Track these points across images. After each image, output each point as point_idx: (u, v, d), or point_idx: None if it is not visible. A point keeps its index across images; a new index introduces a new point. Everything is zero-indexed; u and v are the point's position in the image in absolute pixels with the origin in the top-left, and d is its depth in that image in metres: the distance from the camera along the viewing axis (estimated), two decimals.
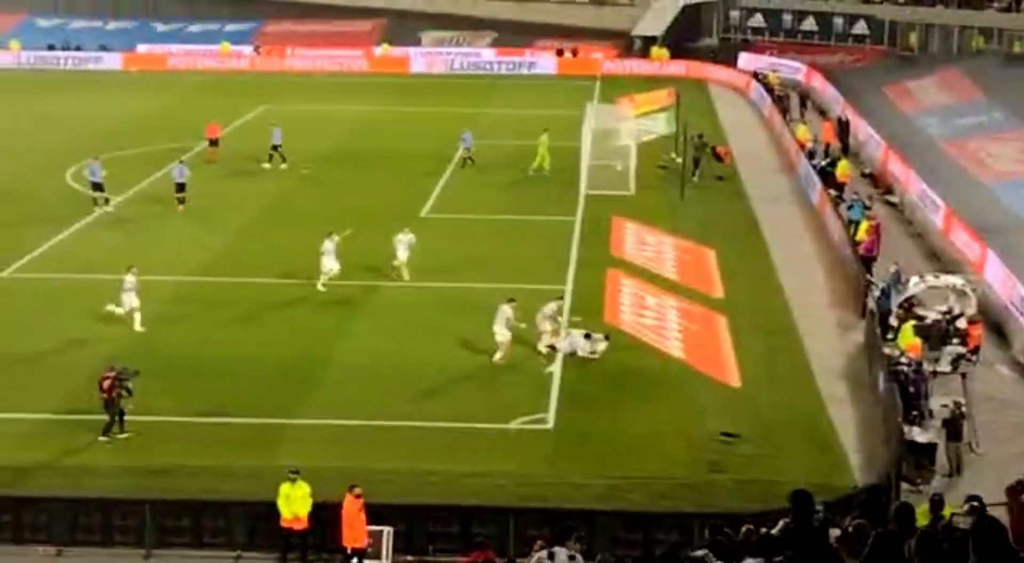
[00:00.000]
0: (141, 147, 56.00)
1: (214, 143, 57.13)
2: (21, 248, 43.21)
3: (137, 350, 34.26)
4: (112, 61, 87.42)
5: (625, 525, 24.97)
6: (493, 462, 28.11)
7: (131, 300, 35.71)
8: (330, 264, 38.82)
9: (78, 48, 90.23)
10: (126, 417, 29.14)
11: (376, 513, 24.90)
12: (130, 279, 35.78)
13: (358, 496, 24.05)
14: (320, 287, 38.85)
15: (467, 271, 41.46)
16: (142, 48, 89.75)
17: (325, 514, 24.63)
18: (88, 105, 71.51)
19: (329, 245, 38.88)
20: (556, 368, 33.13)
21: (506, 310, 33.61)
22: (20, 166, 53.22)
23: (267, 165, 55.03)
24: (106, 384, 28.99)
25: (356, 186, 52.88)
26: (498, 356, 33.49)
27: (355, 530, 24.11)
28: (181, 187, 48.49)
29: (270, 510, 24.60)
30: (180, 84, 79.85)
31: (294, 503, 24.43)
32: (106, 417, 29.10)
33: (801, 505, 12.85)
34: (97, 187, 48.41)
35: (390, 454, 28.48)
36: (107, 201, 48.42)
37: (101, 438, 28.97)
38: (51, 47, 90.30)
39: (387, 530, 24.63)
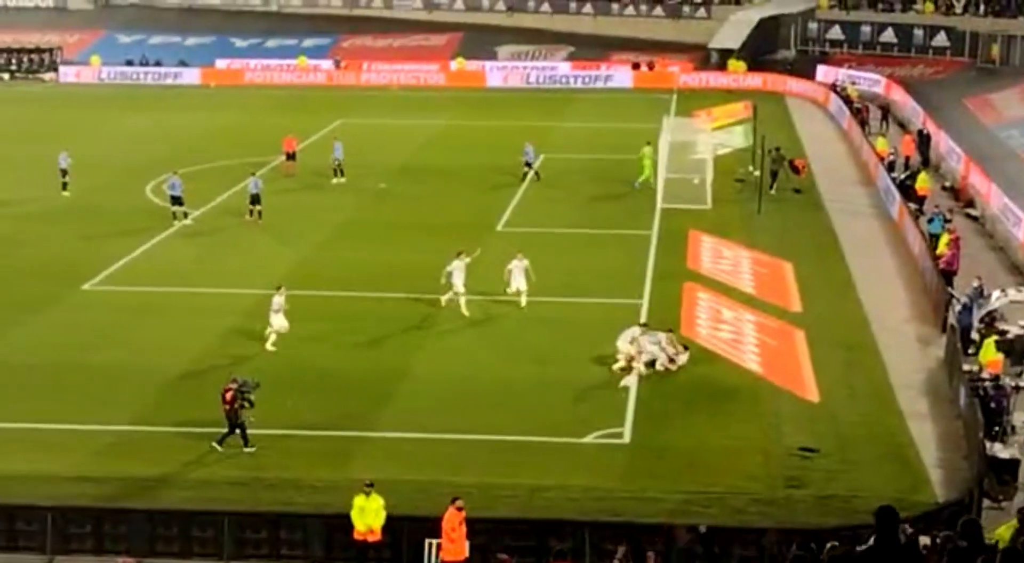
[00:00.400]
0: (219, 161, 56.49)
1: (291, 156, 57.55)
2: (102, 261, 43.71)
3: (212, 362, 34.55)
4: (191, 76, 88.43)
5: (702, 540, 24.73)
6: (568, 476, 27.99)
7: (279, 321, 35.70)
8: (457, 283, 38.31)
9: (158, 64, 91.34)
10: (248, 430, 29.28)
11: None
12: (277, 300, 35.77)
13: (460, 509, 23.92)
14: (443, 301, 38.67)
15: (542, 285, 41.34)
16: (220, 63, 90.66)
17: (399, 526, 24.65)
18: (167, 120, 72.33)
19: (458, 265, 38.45)
20: (632, 382, 32.95)
21: (636, 330, 33.89)
22: (101, 180, 53.92)
23: (336, 180, 55.25)
24: (228, 395, 29.13)
25: (432, 200, 53.02)
26: (616, 366, 33.60)
27: (456, 544, 23.92)
28: (256, 199, 48.96)
29: (347, 523, 24.62)
30: (258, 99, 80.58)
31: (368, 515, 24.42)
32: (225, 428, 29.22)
33: (886, 521, 12.70)
34: (177, 201, 48.97)
35: (465, 468, 28.44)
36: (186, 215, 48.92)
37: (215, 445, 29.15)
38: (131, 63, 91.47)
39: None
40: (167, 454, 29.15)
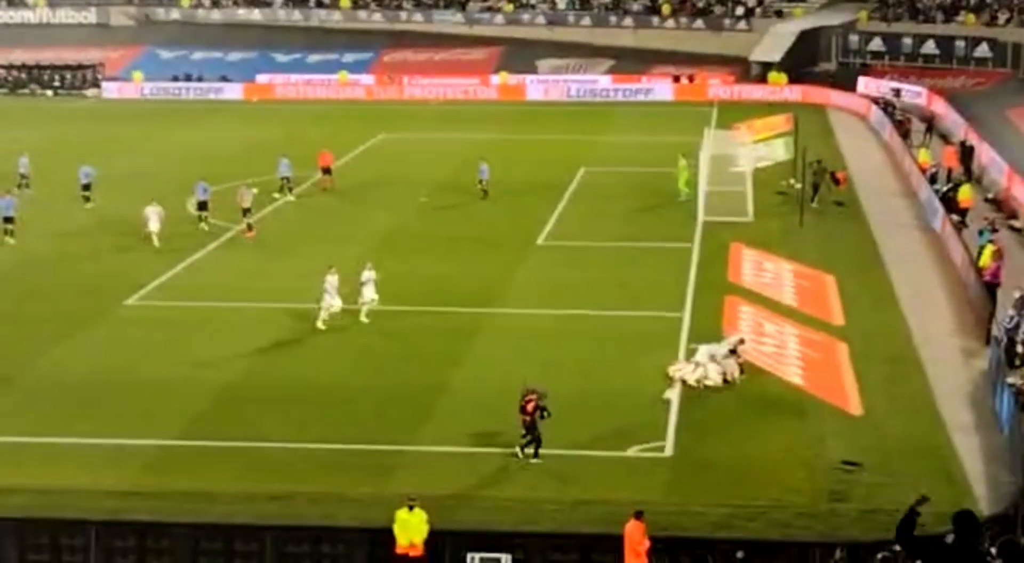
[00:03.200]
0: (261, 175, 56.74)
1: (327, 171, 57.78)
2: (145, 276, 44.00)
3: (257, 377, 34.77)
4: (233, 91, 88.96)
5: (745, 554, 24.67)
6: (611, 490, 27.96)
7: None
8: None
9: (199, 79, 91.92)
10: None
11: (493, 541, 24.92)
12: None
13: (641, 521, 23.88)
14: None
15: (584, 298, 41.40)
16: (262, 78, 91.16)
17: (441, 540, 24.68)
18: (209, 135, 72.81)
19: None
20: (674, 395, 32.90)
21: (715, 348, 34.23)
22: (144, 195, 54.07)
23: (278, 195, 55.59)
24: (530, 406, 29.25)
25: (473, 213, 53.14)
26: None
27: (641, 559, 23.77)
28: (246, 212, 49.95)
29: (389, 537, 24.64)
30: (299, 113, 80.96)
31: (410, 530, 24.45)
32: (525, 437, 29.48)
33: (965, 526, 12.70)
34: (202, 206, 50.36)
35: (507, 482, 28.49)
36: (206, 218, 50.34)
37: (520, 455, 29.32)
38: (173, 78, 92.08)
39: (505, 558, 24.58)
40: (211, 468, 29.31)
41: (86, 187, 54.37)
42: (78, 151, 65.87)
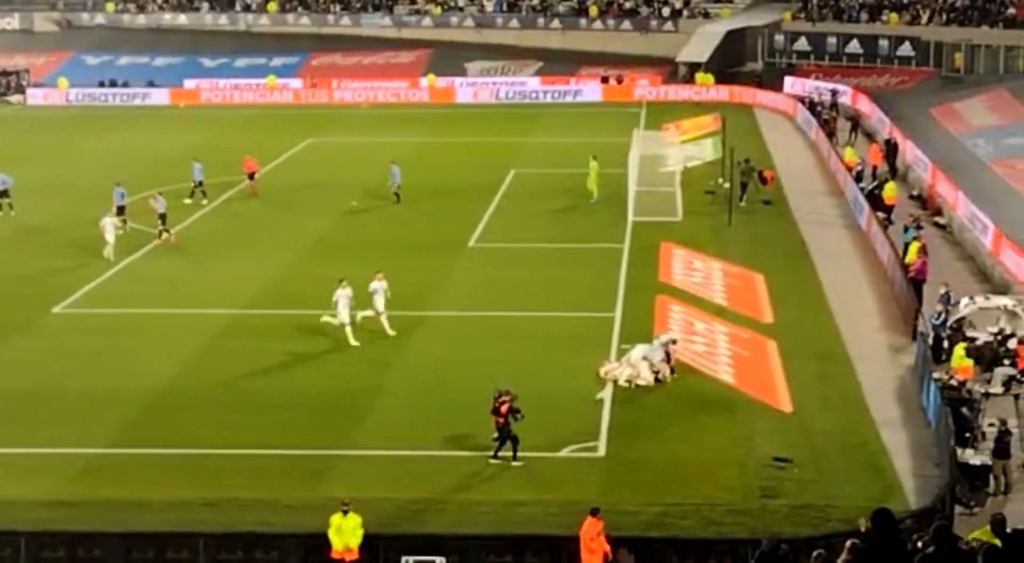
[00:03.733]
0: (189, 181, 56.38)
1: (251, 177, 57.29)
2: (72, 284, 43.59)
3: (187, 384, 34.57)
4: (160, 97, 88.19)
5: (678, 552, 24.87)
6: (544, 491, 28.07)
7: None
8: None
9: (126, 84, 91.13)
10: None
11: (428, 544, 24.96)
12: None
13: (599, 519, 23.91)
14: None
15: (516, 299, 41.50)
16: (189, 83, 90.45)
17: (376, 544, 24.68)
18: (136, 141, 72.13)
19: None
20: (607, 395, 33.06)
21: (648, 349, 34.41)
22: (69, 202, 53.75)
23: (189, 200, 55.03)
24: (503, 408, 29.21)
25: (404, 217, 53.05)
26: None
27: (595, 555, 23.76)
28: (163, 218, 49.63)
29: (323, 542, 24.60)
30: (227, 118, 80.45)
31: (346, 534, 24.42)
32: (495, 442, 29.55)
33: (883, 524, 12.85)
34: (120, 211, 50.03)
35: (441, 484, 28.50)
36: (125, 223, 49.71)
37: (495, 459, 29.28)
38: (99, 84, 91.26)
39: (440, 560, 24.61)
40: (142, 477, 29.12)
41: (3, 194, 53.63)
42: (2, 158, 65.18)
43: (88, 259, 46.66)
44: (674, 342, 35.04)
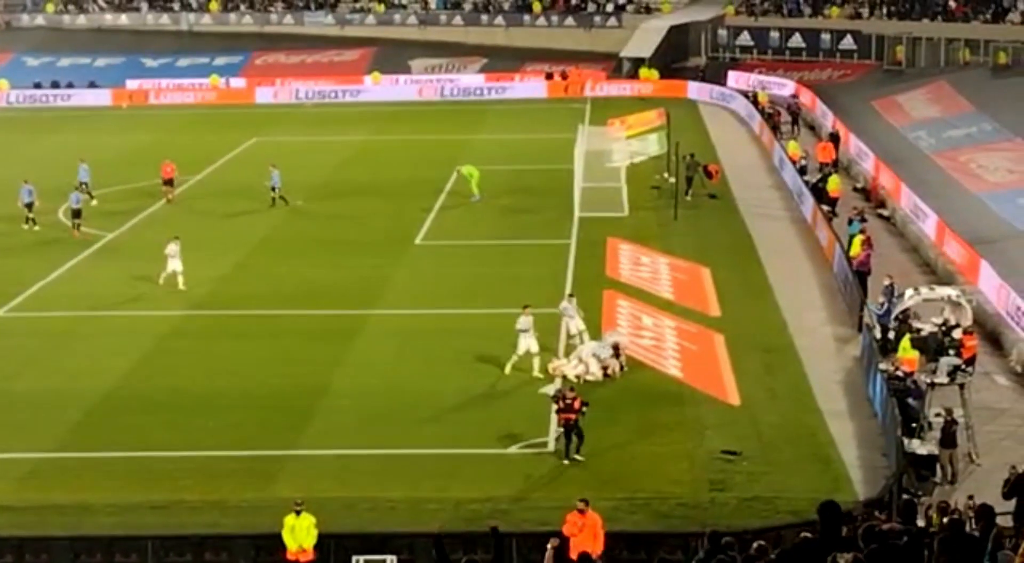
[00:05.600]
0: (133, 182, 55.99)
1: (169, 183, 55.57)
2: (16, 287, 43.17)
3: (133, 386, 34.35)
4: (101, 97, 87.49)
5: (628, 546, 24.94)
6: (495, 487, 28.10)
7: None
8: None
9: (68, 85, 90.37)
10: None
11: (378, 542, 24.92)
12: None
13: (581, 511, 23.74)
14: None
15: (464, 297, 41.49)
16: (131, 83, 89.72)
17: (326, 544, 24.61)
18: (78, 142, 71.42)
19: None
20: (551, 391, 33.04)
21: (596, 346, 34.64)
22: (9, 205, 53.16)
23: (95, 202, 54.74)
24: (577, 404, 29.26)
25: (350, 216, 52.90)
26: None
27: (582, 541, 23.44)
28: (77, 213, 49.96)
29: (273, 543, 24.53)
30: (170, 118, 79.92)
31: (299, 535, 24.34)
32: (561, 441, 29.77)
33: (829, 516, 12.94)
34: (29, 207, 50.97)
35: (391, 482, 28.49)
36: (34, 222, 50.68)
37: (578, 457, 29.27)
38: (39, 85, 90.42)
39: (391, 559, 24.58)
40: (88, 481, 28.90)
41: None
42: None
43: (32, 262, 46.25)
44: (616, 347, 35.02)
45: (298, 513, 24.41)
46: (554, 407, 29.99)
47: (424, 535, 25.36)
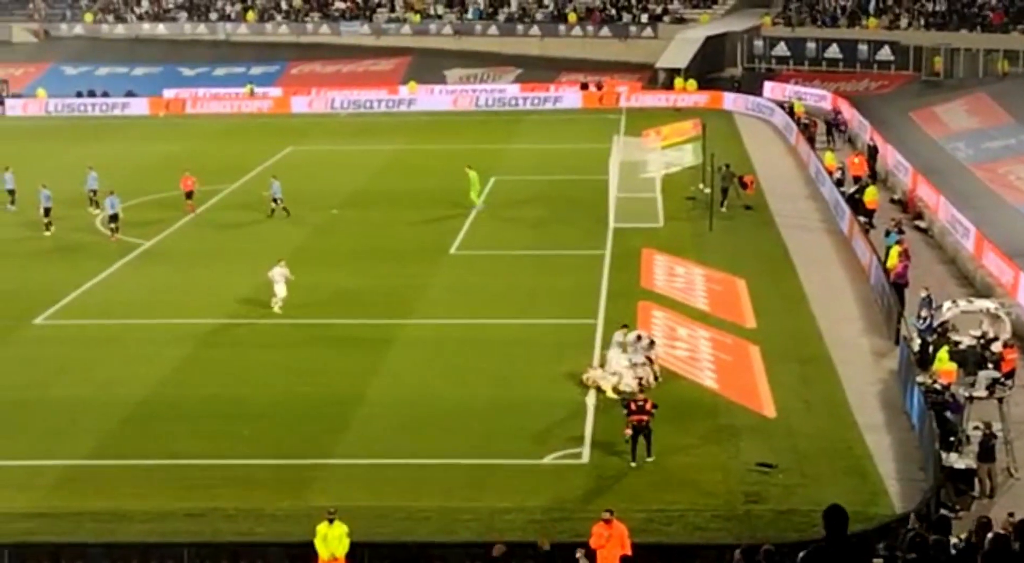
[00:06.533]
0: (169, 191, 56.22)
1: (189, 196, 55.54)
2: (54, 295, 43.39)
3: (168, 394, 34.43)
4: (139, 107, 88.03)
5: (663, 558, 24.82)
6: (528, 498, 28.02)
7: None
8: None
9: (105, 95, 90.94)
10: None
11: (413, 552, 24.88)
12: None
13: (607, 521, 23.76)
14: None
15: (498, 307, 41.44)
16: (168, 93, 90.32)
17: (360, 553, 24.58)
18: (116, 151, 71.90)
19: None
20: (590, 402, 33.00)
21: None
22: (68, 216, 53.55)
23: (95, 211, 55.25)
24: (649, 405, 29.72)
25: (385, 225, 52.97)
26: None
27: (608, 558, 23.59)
28: (114, 218, 50.59)
29: (307, 551, 24.52)
30: (206, 127, 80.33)
31: (331, 543, 24.32)
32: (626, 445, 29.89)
33: (835, 522, 12.65)
34: (47, 212, 52.03)
35: (424, 492, 28.43)
36: (49, 225, 51.78)
37: (635, 465, 29.47)
38: (78, 94, 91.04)
39: None
40: (124, 488, 28.96)
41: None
42: None
43: (69, 270, 46.51)
44: (639, 338, 34.91)
45: (331, 522, 24.41)
46: (624, 411, 30.12)
47: (457, 545, 25.38)
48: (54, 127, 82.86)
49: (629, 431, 29.72)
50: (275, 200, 54.07)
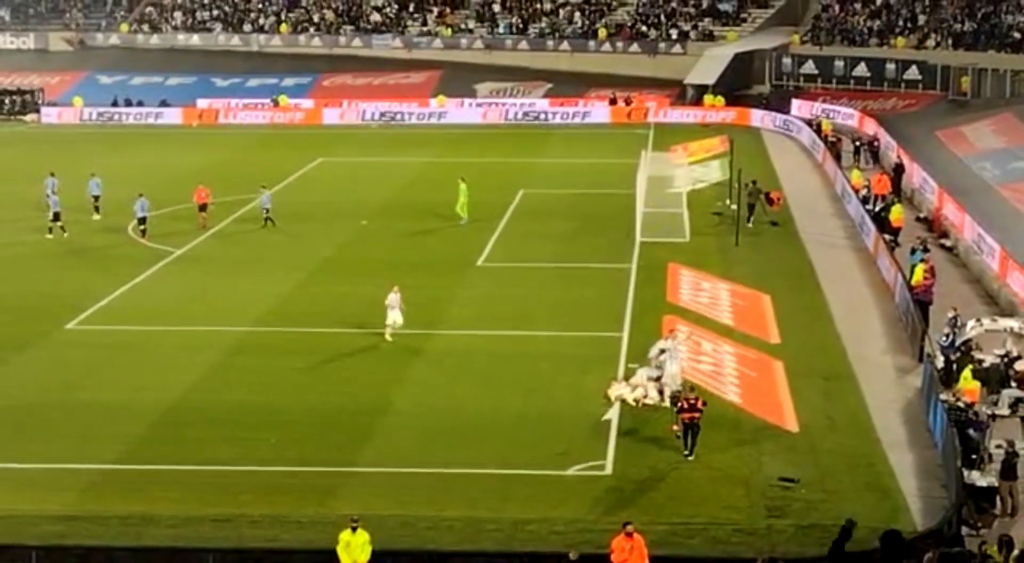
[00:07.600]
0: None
1: (203, 208, 55.28)
2: (86, 300, 43.84)
3: (197, 400, 34.75)
4: (173, 116, 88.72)
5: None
6: (551, 509, 28.18)
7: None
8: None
9: (139, 104, 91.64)
10: None
11: (436, 561, 25.09)
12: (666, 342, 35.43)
13: (629, 535, 24.00)
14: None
15: (524, 319, 41.67)
16: (202, 103, 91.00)
17: (383, 561, 24.82)
18: (149, 159, 72.55)
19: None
20: (614, 414, 33.20)
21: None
22: (82, 219, 54.04)
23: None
24: (700, 402, 30.63)
25: (413, 236, 53.32)
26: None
27: None
28: (143, 220, 52.13)
29: (332, 558, 24.75)
30: (239, 137, 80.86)
31: (354, 551, 24.55)
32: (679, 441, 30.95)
33: (891, 544, 12.95)
34: (56, 217, 53.20)
35: (448, 501, 28.62)
36: (63, 229, 53.04)
37: (690, 457, 30.47)
38: (113, 103, 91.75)
39: None
40: (152, 492, 29.23)
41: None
42: (16, 176, 65.72)
43: (101, 276, 46.99)
44: (662, 352, 35.14)
45: (354, 530, 24.61)
46: (675, 409, 31.15)
47: (480, 554, 25.59)
48: (89, 135, 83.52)
49: (677, 427, 30.73)
50: (265, 210, 54.61)
